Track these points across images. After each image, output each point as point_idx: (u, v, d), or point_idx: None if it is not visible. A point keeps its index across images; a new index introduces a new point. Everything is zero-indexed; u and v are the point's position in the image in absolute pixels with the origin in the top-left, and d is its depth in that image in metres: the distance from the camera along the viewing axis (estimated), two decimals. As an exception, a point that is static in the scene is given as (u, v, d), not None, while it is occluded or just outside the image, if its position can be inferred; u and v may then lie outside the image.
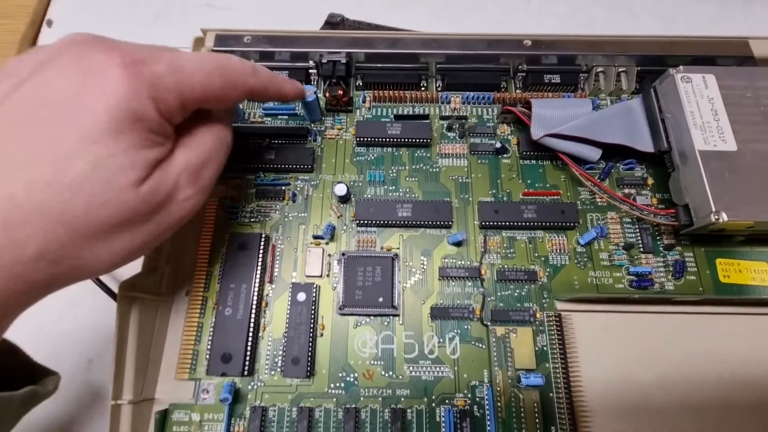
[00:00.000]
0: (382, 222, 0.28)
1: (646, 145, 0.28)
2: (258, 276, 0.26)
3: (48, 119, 0.16)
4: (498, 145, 0.30)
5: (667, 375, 0.26)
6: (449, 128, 0.31)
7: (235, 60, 0.22)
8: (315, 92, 0.29)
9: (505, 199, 0.29)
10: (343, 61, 0.31)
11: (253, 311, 0.26)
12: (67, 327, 0.29)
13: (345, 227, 0.29)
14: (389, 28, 0.37)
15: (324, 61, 0.31)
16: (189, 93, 0.19)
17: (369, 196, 0.29)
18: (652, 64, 0.31)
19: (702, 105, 0.26)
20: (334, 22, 0.36)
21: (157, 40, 0.41)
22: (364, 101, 0.32)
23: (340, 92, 0.30)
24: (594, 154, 0.29)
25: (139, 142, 0.17)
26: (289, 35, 0.31)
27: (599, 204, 0.29)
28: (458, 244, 0.28)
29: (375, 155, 0.31)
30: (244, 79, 0.22)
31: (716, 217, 0.24)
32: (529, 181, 0.30)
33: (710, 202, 0.24)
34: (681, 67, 0.27)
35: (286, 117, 0.32)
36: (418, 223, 0.28)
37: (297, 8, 0.38)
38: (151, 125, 0.18)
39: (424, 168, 0.30)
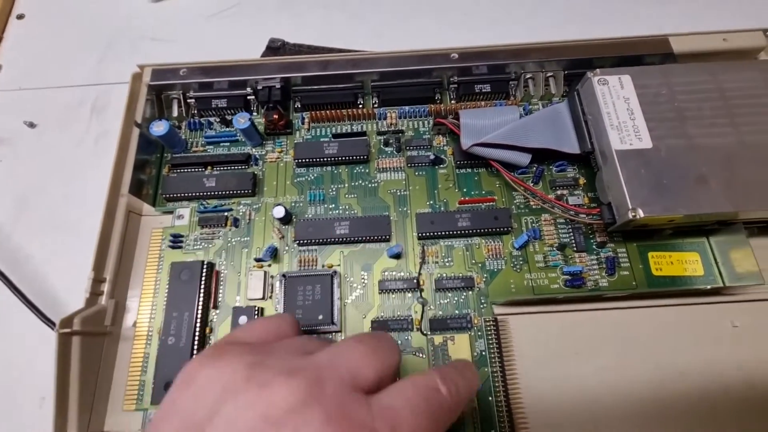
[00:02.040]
0: (321, 240, 0.29)
1: (572, 146, 0.29)
2: (201, 303, 0.27)
3: None
4: (432, 156, 0.31)
5: (605, 370, 0.26)
6: (386, 143, 0.32)
7: (444, 397, 0.17)
8: (249, 119, 0.30)
9: (442, 209, 0.30)
10: (278, 86, 0.31)
11: (197, 338, 0.26)
12: (19, 365, 0.29)
13: (287, 248, 0.29)
14: (329, 50, 0.38)
15: (259, 87, 0.32)
16: None
17: (309, 215, 0.30)
18: (578, 67, 0.32)
19: (618, 105, 0.27)
20: (274, 47, 0.37)
21: (105, 73, 0.42)
22: (303, 122, 0.33)
23: (276, 117, 0.31)
24: (524, 159, 0.30)
25: None
26: (223, 65, 0.32)
27: (533, 207, 0.30)
28: (397, 256, 0.29)
29: (315, 175, 0.31)
30: (450, 419, 0.18)
31: (633, 214, 0.24)
32: (465, 190, 0.31)
33: (627, 200, 0.25)
34: (598, 70, 0.28)
35: (228, 144, 0.32)
36: (357, 239, 0.29)
37: (240, 35, 0.39)
38: None
39: (363, 184, 0.31)
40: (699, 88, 0.27)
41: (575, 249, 0.28)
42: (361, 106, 0.33)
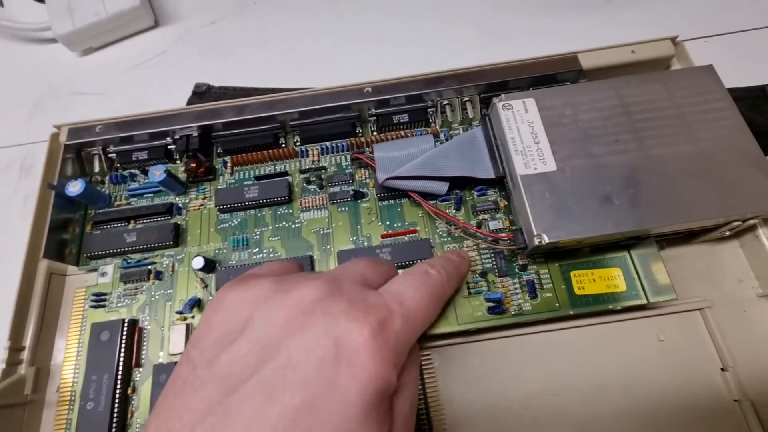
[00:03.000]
0: (243, 287, 0.28)
1: (487, 172, 0.29)
2: (122, 363, 0.27)
3: (301, 408, 0.15)
4: (352, 192, 0.31)
5: (531, 394, 0.26)
6: (308, 181, 0.32)
7: (435, 276, 0.22)
8: (165, 171, 0.30)
9: (365, 243, 0.30)
10: (195, 134, 0.32)
11: (117, 401, 0.26)
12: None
13: (211, 296, 0.29)
14: (255, 90, 0.38)
15: (177, 137, 0.32)
16: (416, 338, 0.20)
17: (233, 262, 0.30)
18: (494, 90, 0.32)
19: (522, 130, 0.27)
20: (200, 92, 0.37)
21: (33, 132, 0.42)
22: (225, 167, 0.33)
23: (193, 165, 0.31)
24: (441, 187, 0.30)
25: (383, 415, 0.17)
26: (139, 118, 0.32)
27: (455, 235, 0.30)
28: (321, 297, 0.28)
29: (238, 220, 0.31)
30: (446, 294, 0.24)
31: (538, 240, 0.24)
32: (388, 222, 0.31)
33: (532, 226, 0.25)
34: (503, 95, 0.28)
35: (152, 194, 0.32)
36: (279, 282, 0.29)
37: (168, 82, 0.39)
38: (391, 390, 0.17)
39: (287, 225, 0.31)
40: (603, 105, 0.28)
41: (497, 274, 0.28)
42: (283, 145, 0.34)
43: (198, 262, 0.28)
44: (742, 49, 0.37)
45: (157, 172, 0.29)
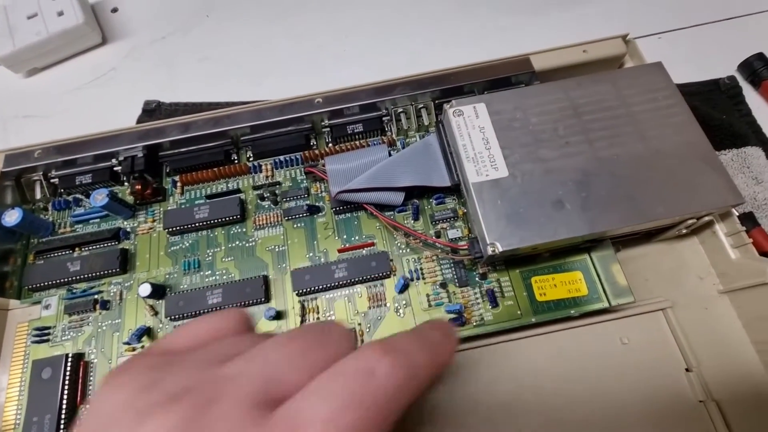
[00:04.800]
0: (194, 313, 0.27)
1: (442, 179, 0.29)
2: (65, 402, 0.25)
3: None
4: (306, 207, 0.30)
5: (498, 405, 0.25)
6: (262, 197, 0.31)
7: (384, 380, 0.13)
8: (107, 195, 0.28)
9: (322, 259, 0.29)
10: (141, 155, 0.30)
11: (59, 442, 0.24)
12: None
13: (161, 324, 0.28)
14: (208, 105, 0.37)
15: (121, 158, 0.30)
16: None
17: (184, 286, 0.29)
18: (448, 96, 0.32)
19: (474, 136, 0.27)
20: (149, 109, 0.36)
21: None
22: (175, 186, 0.32)
23: (139, 187, 0.29)
24: (397, 198, 0.29)
25: None
26: (81, 140, 0.30)
27: (414, 246, 0.29)
28: (276, 317, 0.27)
29: (190, 241, 0.30)
30: (404, 405, 0.13)
31: (492, 249, 0.24)
32: (345, 236, 0.30)
33: (485, 235, 0.24)
34: (454, 101, 0.28)
35: (99, 220, 0.31)
36: (231, 305, 0.27)
37: (117, 101, 0.38)
38: None
39: (240, 244, 0.30)
40: (553, 108, 0.27)
41: (458, 284, 0.28)
42: (236, 161, 0.33)
43: (145, 290, 0.27)
44: (696, 44, 0.37)
45: (99, 197, 0.28)
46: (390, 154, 0.30)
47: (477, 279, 0.28)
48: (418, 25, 0.40)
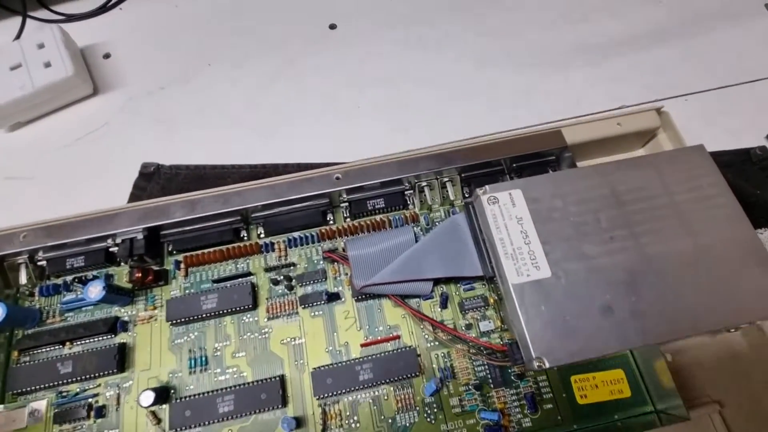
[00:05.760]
0: (204, 423, 0.24)
1: (474, 269, 0.26)
2: None
3: None
4: (325, 295, 0.27)
5: None
6: (275, 282, 0.28)
7: None
8: (104, 286, 0.25)
9: (343, 354, 0.27)
10: (140, 237, 0.28)
11: None
12: None
13: (166, 434, 0.25)
14: (211, 168, 0.34)
15: (119, 241, 0.28)
16: None
17: (191, 387, 0.26)
18: (476, 169, 0.30)
19: (511, 228, 0.25)
20: (147, 172, 0.33)
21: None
22: (178, 268, 0.29)
23: (139, 275, 0.27)
24: (425, 288, 0.27)
25: None
26: (72, 221, 0.27)
27: (444, 338, 0.27)
28: (296, 425, 0.25)
29: (195, 333, 0.27)
30: None
31: (539, 364, 0.22)
32: (367, 327, 0.27)
33: (530, 347, 0.22)
34: (487, 186, 0.26)
35: (92, 307, 0.28)
36: (246, 413, 0.25)
37: (110, 161, 0.35)
38: None
39: (253, 336, 0.27)
40: (593, 195, 0.25)
41: (493, 385, 0.26)
42: (245, 238, 0.30)
43: (147, 398, 0.24)
44: (724, 106, 0.36)
45: (95, 290, 0.25)
46: (415, 236, 0.28)
47: (513, 378, 0.26)
48: (436, 82, 0.38)
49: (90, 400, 0.25)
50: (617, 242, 0.24)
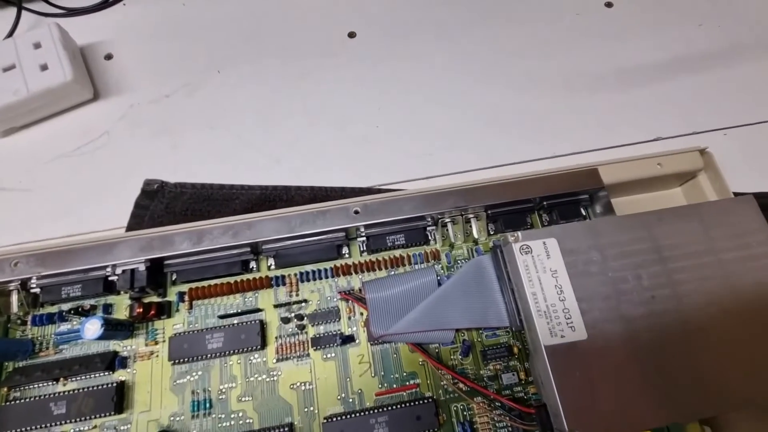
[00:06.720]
0: (206, 475, 0.23)
1: (500, 319, 0.25)
2: None
3: None
4: (339, 338, 0.26)
5: None
6: (286, 320, 0.27)
7: None
8: (102, 324, 0.24)
9: (356, 402, 0.25)
10: (142, 268, 0.26)
11: None
12: None
13: (165, 484, 0.24)
14: (219, 187, 0.31)
15: (118, 271, 0.26)
16: None
17: (193, 433, 0.24)
18: (504, 207, 0.28)
19: (545, 282, 0.23)
20: (151, 190, 0.31)
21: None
22: (182, 300, 0.27)
23: (140, 311, 0.25)
24: (446, 337, 0.25)
25: None
26: (70, 248, 0.25)
27: (465, 389, 0.25)
28: (304, 480, 0.24)
29: (199, 372, 0.26)
30: None
31: (571, 437, 0.20)
32: (383, 374, 0.26)
33: (562, 418, 0.20)
34: (519, 234, 0.24)
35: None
36: (251, 466, 0.23)
37: (110, 173, 0.32)
38: None
39: (260, 379, 0.25)
40: (634, 249, 0.24)
41: (515, 445, 0.24)
42: (254, 269, 0.28)
43: (147, 448, 0.23)
44: (766, 141, 0.34)
45: (92, 328, 0.23)
46: (437, 276, 0.26)
47: (537, 437, 0.24)
48: (461, 104, 0.35)
49: (85, 443, 0.24)
50: (659, 304, 0.23)
